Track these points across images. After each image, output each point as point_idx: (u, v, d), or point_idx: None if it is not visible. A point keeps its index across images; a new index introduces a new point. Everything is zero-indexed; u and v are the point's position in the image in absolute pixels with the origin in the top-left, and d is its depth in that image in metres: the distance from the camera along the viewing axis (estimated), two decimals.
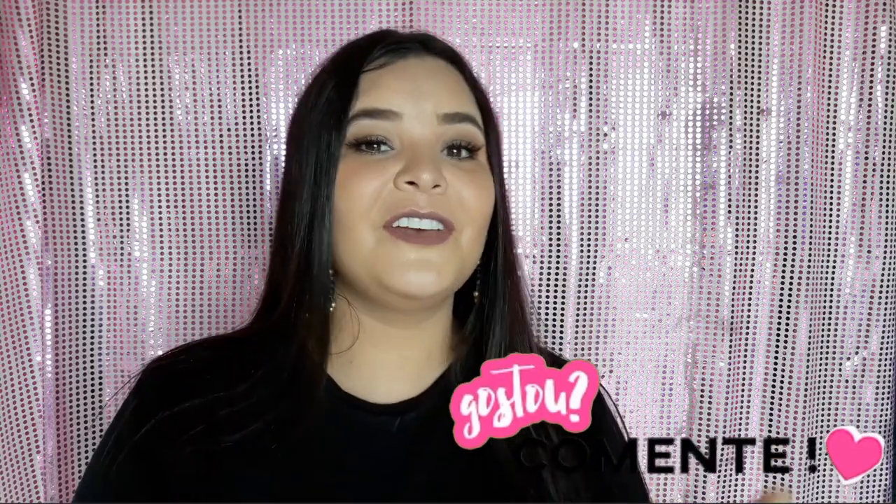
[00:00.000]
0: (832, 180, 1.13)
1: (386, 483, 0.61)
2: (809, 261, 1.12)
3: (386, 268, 0.59)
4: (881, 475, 1.16)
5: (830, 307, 1.15)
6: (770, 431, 1.14)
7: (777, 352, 1.13)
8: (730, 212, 1.12)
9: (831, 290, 1.14)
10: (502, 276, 0.66)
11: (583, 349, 1.13)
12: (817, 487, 1.16)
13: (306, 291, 0.61)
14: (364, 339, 0.64)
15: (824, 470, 1.16)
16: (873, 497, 1.16)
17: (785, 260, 1.12)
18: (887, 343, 1.14)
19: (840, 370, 1.15)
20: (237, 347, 0.65)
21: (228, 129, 1.09)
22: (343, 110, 0.61)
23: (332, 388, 0.63)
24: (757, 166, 1.12)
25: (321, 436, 0.61)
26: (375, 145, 0.61)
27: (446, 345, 0.69)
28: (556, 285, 1.12)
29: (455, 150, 0.63)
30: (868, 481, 1.16)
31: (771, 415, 1.14)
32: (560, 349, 1.12)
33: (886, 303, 1.14)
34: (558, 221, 1.11)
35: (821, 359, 1.15)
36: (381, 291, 0.61)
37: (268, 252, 1.10)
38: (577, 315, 1.12)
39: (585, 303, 1.12)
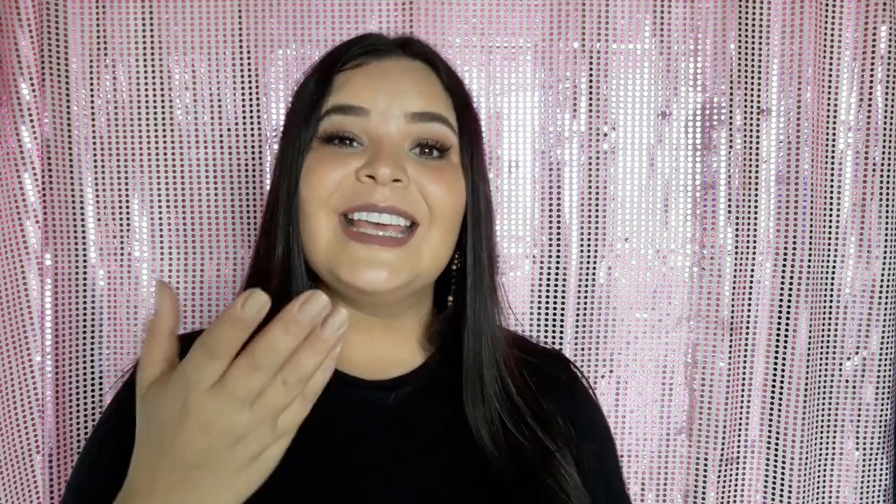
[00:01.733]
0: (832, 180, 1.13)
1: (386, 451, 0.63)
2: (809, 261, 1.12)
3: (339, 261, 0.61)
4: (881, 476, 1.16)
5: (830, 307, 1.15)
6: (770, 431, 1.14)
7: (777, 352, 1.13)
8: (730, 212, 1.12)
9: (831, 290, 1.14)
10: (473, 281, 0.67)
11: (583, 349, 1.13)
12: (817, 487, 1.16)
13: (289, 275, 0.64)
14: (350, 324, 0.66)
15: (825, 470, 1.16)
16: (873, 498, 1.16)
17: (785, 260, 1.12)
18: (887, 343, 1.14)
19: (840, 370, 1.15)
20: None
21: (228, 129, 1.09)
22: (316, 105, 0.64)
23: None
24: (757, 166, 1.12)
25: (323, 414, 0.62)
26: (347, 141, 0.63)
27: (427, 329, 0.71)
28: (556, 285, 1.12)
29: (426, 150, 0.64)
30: (868, 482, 1.16)
31: (771, 415, 1.14)
32: (560, 349, 1.12)
33: (886, 303, 1.14)
34: (558, 221, 1.11)
35: (821, 359, 1.15)
36: (337, 284, 0.63)
37: None
38: (577, 315, 1.12)
39: (585, 303, 1.12)
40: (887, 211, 1.13)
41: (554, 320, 1.12)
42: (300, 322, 0.40)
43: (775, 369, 1.14)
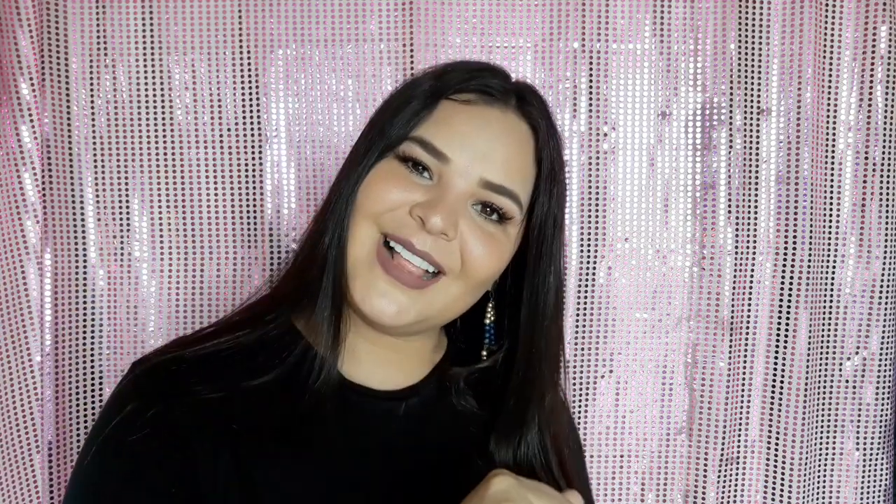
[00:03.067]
0: (832, 180, 1.13)
1: (396, 462, 0.64)
2: (809, 261, 1.12)
3: (358, 282, 0.62)
4: (881, 476, 1.16)
5: (830, 307, 1.15)
6: (770, 431, 1.14)
7: (777, 352, 1.13)
8: (730, 212, 1.12)
9: (831, 290, 1.14)
10: (525, 367, 0.67)
11: (583, 349, 1.13)
12: (817, 487, 1.16)
13: (324, 268, 0.63)
14: (357, 332, 0.67)
15: (825, 470, 1.16)
16: (873, 498, 1.16)
17: (785, 260, 1.12)
18: (887, 343, 1.14)
19: (840, 370, 1.15)
20: (236, 337, 0.66)
21: (228, 129, 1.09)
22: (409, 123, 0.64)
23: (341, 379, 0.66)
24: (757, 166, 1.12)
25: (335, 423, 0.64)
26: (420, 167, 0.63)
27: (433, 341, 0.72)
28: None
29: (487, 210, 0.64)
30: (868, 482, 1.16)
31: (771, 415, 1.14)
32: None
33: (886, 303, 1.14)
34: None
35: (821, 359, 1.15)
36: (350, 301, 0.64)
37: (268, 251, 1.10)
38: (577, 315, 1.12)
39: (585, 303, 1.12)
40: (887, 211, 1.13)
41: None
42: None
43: (775, 369, 1.14)
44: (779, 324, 1.13)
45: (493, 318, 0.71)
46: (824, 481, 1.16)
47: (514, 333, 0.69)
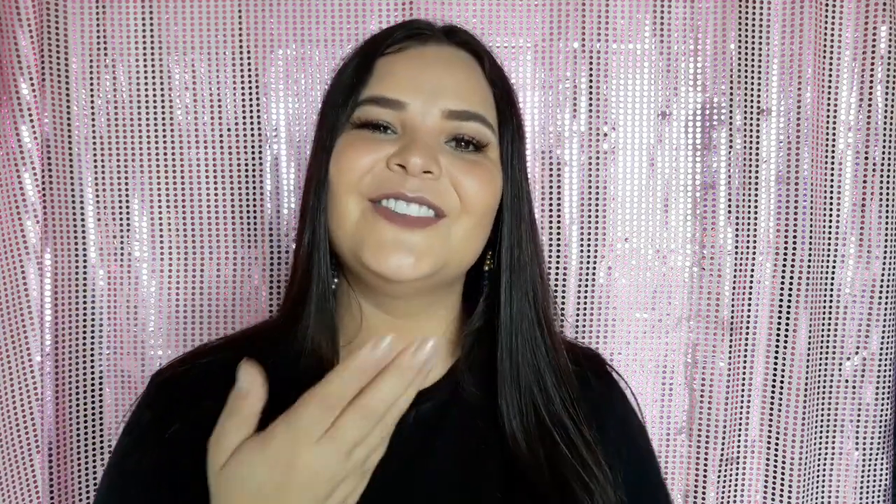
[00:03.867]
0: (832, 180, 1.13)
1: (406, 471, 0.61)
2: (809, 261, 1.12)
3: (364, 243, 0.59)
4: (881, 476, 1.16)
5: (830, 307, 1.15)
6: (770, 431, 1.14)
7: (777, 352, 1.13)
8: (730, 212, 1.12)
9: (831, 290, 1.14)
10: (510, 279, 0.64)
11: None
12: (817, 487, 1.16)
13: (312, 262, 0.62)
14: (366, 327, 0.64)
15: (825, 470, 1.16)
16: (873, 498, 1.16)
17: (785, 260, 1.12)
18: (887, 343, 1.14)
19: (840, 370, 1.15)
20: (247, 345, 0.64)
21: (228, 129, 1.09)
22: (353, 91, 0.62)
23: None
24: (757, 166, 1.12)
25: None
26: (381, 128, 0.62)
27: (453, 339, 0.69)
28: (556, 285, 1.12)
29: (462, 144, 0.63)
30: (868, 482, 1.16)
31: (771, 415, 1.14)
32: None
33: (886, 303, 1.14)
34: (558, 221, 1.11)
35: (821, 359, 1.15)
36: (361, 270, 0.61)
37: (268, 251, 1.10)
38: (577, 315, 1.12)
39: (585, 303, 1.12)
40: (887, 211, 1.13)
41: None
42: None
43: (775, 369, 1.14)
44: (779, 324, 1.13)
45: (491, 265, 0.68)
46: (824, 481, 1.16)
47: (501, 259, 0.66)
